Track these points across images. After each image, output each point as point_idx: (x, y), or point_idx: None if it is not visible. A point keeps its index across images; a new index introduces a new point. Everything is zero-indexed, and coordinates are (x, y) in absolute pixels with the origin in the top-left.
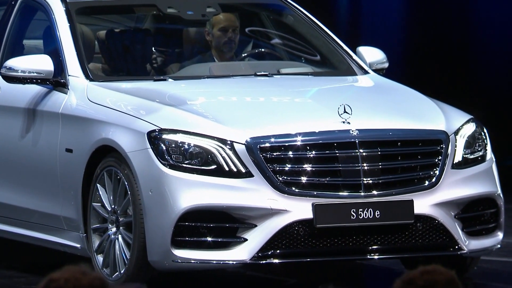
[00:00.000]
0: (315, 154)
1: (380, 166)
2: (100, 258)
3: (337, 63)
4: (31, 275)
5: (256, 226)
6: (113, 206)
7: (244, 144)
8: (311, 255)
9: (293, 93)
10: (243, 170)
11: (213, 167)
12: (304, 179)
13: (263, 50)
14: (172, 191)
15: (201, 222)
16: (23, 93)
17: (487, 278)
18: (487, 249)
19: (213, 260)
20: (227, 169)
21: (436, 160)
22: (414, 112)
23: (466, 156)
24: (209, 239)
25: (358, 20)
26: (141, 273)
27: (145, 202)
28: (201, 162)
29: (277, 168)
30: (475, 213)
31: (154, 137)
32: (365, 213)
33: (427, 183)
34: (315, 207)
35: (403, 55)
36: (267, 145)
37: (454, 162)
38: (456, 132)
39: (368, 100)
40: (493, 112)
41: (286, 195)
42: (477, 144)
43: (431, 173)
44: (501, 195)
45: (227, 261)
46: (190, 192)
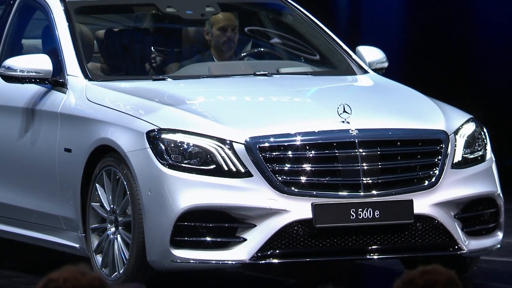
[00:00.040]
0: (315, 154)
1: (380, 166)
2: (99, 258)
3: (337, 63)
4: (30, 275)
5: (256, 226)
6: (112, 206)
7: (244, 144)
8: (311, 255)
9: (293, 93)
10: (243, 170)
11: (212, 167)
12: (304, 179)
13: (263, 50)
14: (171, 191)
15: (200, 222)
16: (22, 93)
17: (487, 278)
18: (487, 249)
19: (212, 260)
20: (226, 169)
21: (436, 160)
22: (414, 112)
23: (466, 156)
24: (208, 239)
25: (358, 20)
26: (140, 273)
27: (144, 202)
28: (200, 162)
29: (277, 168)
30: (475, 213)
31: (153, 137)
32: (365, 213)
33: (427, 183)
34: (315, 207)
35: (403, 55)
36: (267, 145)
37: (454, 162)
38: (456, 132)
39: (368, 100)
40: (493, 112)
41: (286, 195)
42: (477, 144)
43: (431, 173)
44: (501, 195)
45: (226, 261)
46: (189, 192)
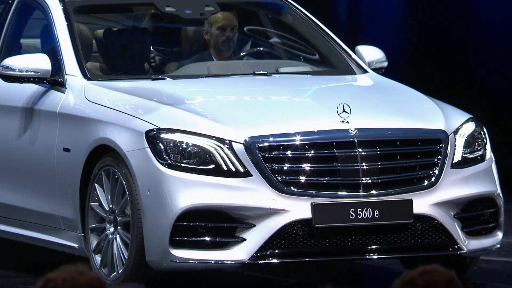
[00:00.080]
0: (314, 154)
1: (379, 166)
2: (98, 258)
3: (336, 62)
4: (29, 275)
5: (255, 226)
6: (111, 206)
7: (243, 144)
8: (310, 255)
9: (292, 92)
10: (242, 170)
11: (212, 167)
12: (303, 179)
13: (262, 49)
14: (170, 191)
15: (200, 222)
16: (21, 93)
17: (487, 278)
18: (487, 249)
19: (212, 260)
20: (226, 169)
21: (436, 160)
22: (413, 111)
23: (466, 156)
24: (208, 239)
25: (358, 20)
26: (139, 273)
27: (143, 202)
28: (200, 162)
29: (276, 168)
30: (475, 213)
31: (152, 137)
32: (364, 213)
33: (427, 183)
34: (314, 207)
35: (403, 55)
36: (266, 145)
37: (454, 162)
38: (456, 132)
39: (367, 99)
40: (493, 112)
41: (285, 195)
42: (477, 144)
43: (431, 173)
44: (501, 195)
45: (226, 261)
46: (188, 192)
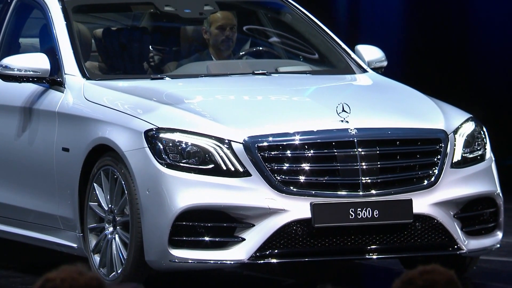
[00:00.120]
0: (313, 153)
1: (379, 165)
2: (97, 258)
3: (336, 62)
4: (27, 275)
5: (254, 226)
6: (110, 206)
7: (242, 143)
8: (309, 255)
9: (291, 92)
10: (241, 169)
11: (211, 166)
12: (302, 178)
13: (261, 49)
14: (170, 191)
15: (199, 222)
16: (20, 92)
17: (487, 278)
18: (487, 249)
19: (211, 260)
20: (225, 168)
21: (435, 159)
22: (413, 111)
23: (465, 155)
24: (207, 239)
25: (357, 20)
26: (138, 273)
27: (142, 202)
28: (199, 161)
29: (275, 167)
30: (474, 213)
31: (151, 136)
32: (364, 213)
33: (426, 183)
34: (313, 207)
35: (403, 55)
36: (265, 144)
37: (453, 161)
38: (455, 131)
39: (367, 99)
40: (493, 111)
41: (284, 195)
42: (476, 143)
43: (430, 172)
44: (501, 195)
45: (225, 261)
46: (188, 192)
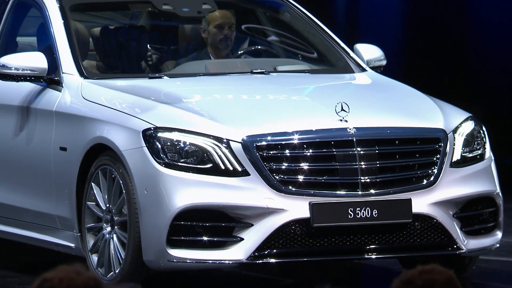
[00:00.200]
0: (312, 153)
1: (378, 165)
2: (95, 258)
3: (335, 61)
4: (25, 275)
5: (253, 225)
6: (108, 205)
7: (241, 143)
8: (308, 255)
9: (290, 91)
10: (240, 169)
11: (209, 166)
12: (301, 178)
13: (260, 48)
14: (168, 190)
15: (197, 221)
16: (17, 91)
17: (486, 278)
18: (486, 249)
19: (209, 260)
20: (223, 168)
21: (435, 159)
22: (412, 110)
23: (465, 155)
24: (205, 239)
25: (356, 19)
26: (136, 273)
27: (140, 201)
28: (197, 161)
29: (274, 167)
30: (474, 212)
31: (149, 136)
32: (363, 212)
33: (425, 182)
34: (312, 206)
35: (402, 54)
36: (264, 144)
37: (453, 161)
38: (455, 130)
39: (366, 98)
40: (493, 111)
41: (283, 194)
42: (476, 143)
43: (429, 172)
44: (500, 194)
45: (223, 261)
46: (186, 191)
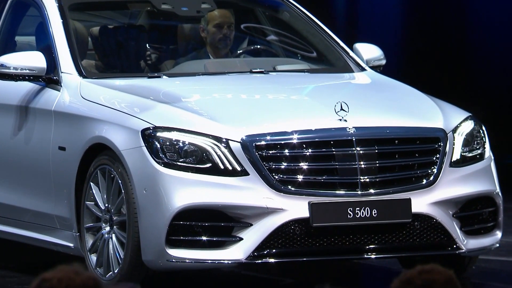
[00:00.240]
0: (312, 152)
1: (377, 164)
2: (94, 258)
3: (334, 60)
4: (24, 275)
5: (252, 225)
6: (107, 205)
7: (240, 142)
8: (308, 255)
9: (289, 90)
10: (239, 169)
11: (208, 166)
12: (300, 178)
13: (259, 47)
14: (167, 190)
15: (196, 221)
16: (16, 91)
17: (486, 278)
18: (486, 248)
19: (208, 260)
20: (223, 168)
21: (434, 158)
22: (412, 110)
23: (464, 154)
24: (204, 238)
25: (356, 18)
26: (135, 273)
27: (139, 201)
28: (196, 160)
29: (273, 167)
30: (474, 212)
31: (148, 135)
32: (362, 212)
33: (425, 182)
34: (312, 206)
35: (402, 54)
36: (263, 143)
37: (452, 160)
38: (454, 130)
39: (365, 98)
40: (493, 111)
41: (282, 194)
42: (476, 142)
43: (429, 172)
44: (500, 194)
45: (222, 261)
46: (185, 191)
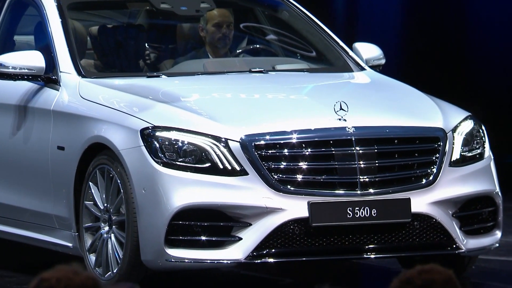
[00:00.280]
0: (311, 152)
1: (377, 164)
2: (93, 258)
3: (333, 60)
4: (22, 275)
5: (251, 225)
6: (106, 205)
7: (239, 142)
8: (307, 254)
9: (289, 90)
10: (238, 168)
11: (207, 165)
12: (300, 177)
13: (258, 46)
14: (166, 189)
15: (195, 221)
16: (14, 90)
17: (485, 278)
18: (485, 248)
19: (207, 260)
20: (222, 167)
21: (434, 158)
22: (411, 109)
23: (464, 154)
24: (203, 238)
25: (355, 18)
26: (134, 273)
27: (138, 201)
28: (195, 160)
29: (272, 166)
30: (473, 212)
31: (147, 135)
32: (362, 212)
33: (424, 181)
34: (311, 206)
35: (401, 53)
36: (262, 143)
37: (452, 160)
38: (454, 130)
39: (365, 97)
40: (493, 111)
41: (282, 194)
42: (475, 142)
43: (429, 171)
44: (500, 193)
45: (222, 261)
46: (184, 190)
